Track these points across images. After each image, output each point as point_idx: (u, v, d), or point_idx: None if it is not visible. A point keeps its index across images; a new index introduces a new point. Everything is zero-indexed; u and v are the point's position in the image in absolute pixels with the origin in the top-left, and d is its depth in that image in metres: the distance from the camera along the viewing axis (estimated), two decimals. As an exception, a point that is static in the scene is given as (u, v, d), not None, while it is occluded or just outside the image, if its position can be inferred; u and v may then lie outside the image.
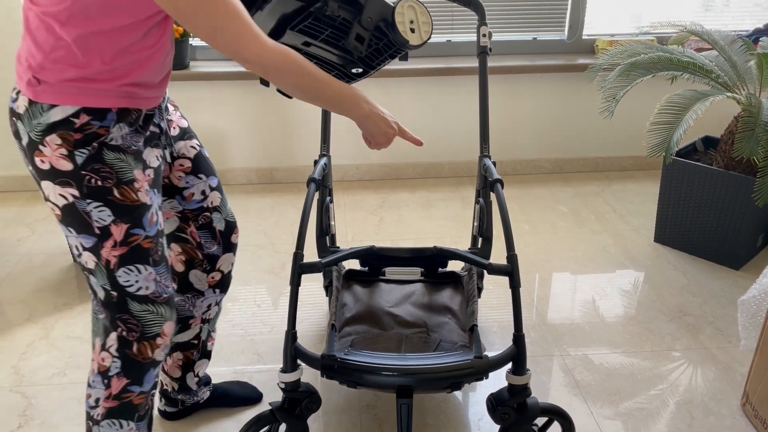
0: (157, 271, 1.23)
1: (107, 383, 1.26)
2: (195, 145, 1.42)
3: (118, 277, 1.19)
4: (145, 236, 1.20)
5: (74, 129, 1.11)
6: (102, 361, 1.26)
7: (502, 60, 2.94)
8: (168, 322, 1.27)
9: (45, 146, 1.12)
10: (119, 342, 1.24)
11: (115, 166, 1.15)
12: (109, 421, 1.28)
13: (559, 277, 2.33)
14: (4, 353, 1.94)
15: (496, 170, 1.60)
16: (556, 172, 3.20)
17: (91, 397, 1.28)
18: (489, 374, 1.40)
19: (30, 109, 1.12)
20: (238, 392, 1.75)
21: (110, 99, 1.13)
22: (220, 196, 1.47)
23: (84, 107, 1.11)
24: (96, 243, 1.17)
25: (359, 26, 1.27)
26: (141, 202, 1.18)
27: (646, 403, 1.75)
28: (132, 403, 1.28)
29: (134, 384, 1.27)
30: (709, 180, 2.31)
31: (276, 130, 3.01)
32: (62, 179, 1.13)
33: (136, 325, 1.23)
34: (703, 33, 2.37)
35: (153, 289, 1.23)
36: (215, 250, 1.49)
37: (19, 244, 2.55)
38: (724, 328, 2.05)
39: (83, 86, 1.11)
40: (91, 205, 1.14)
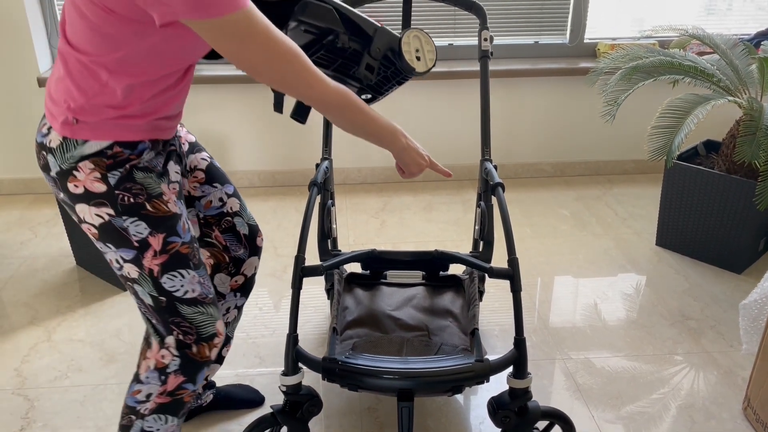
0: (198, 273, 1.27)
1: (164, 380, 1.29)
2: (205, 157, 1.47)
3: (163, 283, 1.23)
4: (182, 242, 1.25)
5: (107, 157, 1.17)
6: (161, 359, 1.29)
7: (504, 64, 2.94)
8: (218, 320, 1.31)
9: (78, 171, 1.17)
10: (177, 344, 1.28)
11: (144, 183, 1.20)
12: (155, 416, 1.31)
13: (561, 281, 2.33)
14: (7, 356, 1.95)
15: (497, 174, 1.61)
16: (558, 176, 3.21)
17: (140, 392, 1.31)
18: (490, 378, 1.40)
19: (64, 144, 1.16)
20: (240, 395, 1.76)
21: (141, 133, 1.19)
22: (239, 201, 1.51)
23: (117, 141, 1.17)
24: (136, 255, 1.21)
25: (369, 56, 1.34)
26: (172, 212, 1.23)
27: (647, 407, 1.75)
28: (183, 400, 1.33)
29: (189, 382, 1.31)
30: (711, 184, 2.31)
31: (278, 134, 3.02)
32: (97, 200, 1.18)
33: (190, 327, 1.27)
34: (704, 37, 2.37)
35: (199, 291, 1.27)
36: (242, 253, 1.52)
37: (22, 246, 2.56)
38: (726, 332, 2.04)
39: (119, 122, 1.16)
40: (127, 221, 1.19)
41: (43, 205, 2.90)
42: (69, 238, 2.38)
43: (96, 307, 2.18)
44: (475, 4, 1.73)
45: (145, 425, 1.32)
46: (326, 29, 1.28)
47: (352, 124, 1.25)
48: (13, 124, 2.89)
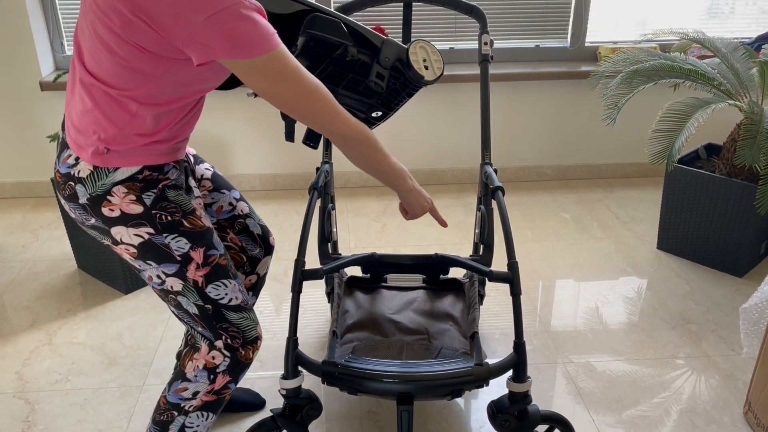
0: (237, 282, 1.33)
1: (213, 378, 1.34)
2: (208, 167, 1.52)
3: (209, 293, 1.29)
4: (219, 254, 1.30)
5: (138, 181, 1.22)
6: (212, 359, 1.34)
7: (505, 67, 2.95)
8: (258, 325, 1.37)
9: (112, 196, 1.20)
10: (226, 347, 1.33)
11: (177, 201, 1.25)
12: (199, 413, 1.37)
13: (562, 284, 2.33)
14: (8, 359, 1.95)
15: (497, 177, 1.61)
16: (559, 179, 3.20)
17: (187, 390, 1.35)
18: (490, 381, 1.40)
19: (95, 172, 1.19)
20: (241, 398, 1.76)
21: (166, 156, 1.24)
22: (247, 206, 1.56)
23: (146, 165, 1.21)
24: (180, 268, 1.26)
25: (378, 65, 1.38)
26: (207, 227, 1.29)
27: (648, 411, 1.74)
28: (225, 399, 1.39)
29: (233, 382, 1.37)
30: (712, 187, 2.31)
31: (279, 137, 3.02)
32: (135, 221, 1.22)
33: (237, 332, 1.32)
34: (705, 40, 2.37)
35: (241, 299, 1.33)
36: (257, 252, 1.57)
37: (24, 250, 2.57)
38: (727, 336, 2.04)
39: (147, 149, 1.21)
40: (168, 238, 1.24)
41: (45, 209, 2.91)
42: (70, 242, 2.39)
43: (97, 311, 2.18)
44: (476, 8, 1.74)
45: (186, 421, 1.37)
46: (335, 42, 1.31)
47: (366, 160, 1.30)
48: (15, 128, 2.90)
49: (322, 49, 1.33)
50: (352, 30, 1.34)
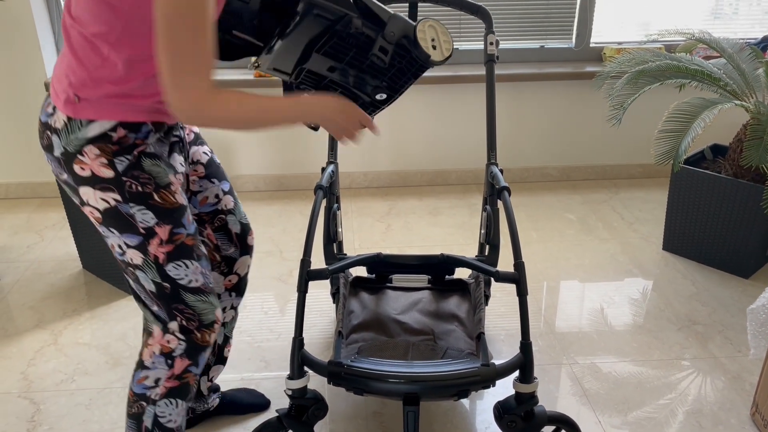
0: (201, 264, 1.29)
1: (171, 363, 1.31)
2: (207, 151, 1.46)
3: (168, 271, 1.24)
4: (187, 234, 1.25)
5: (112, 142, 1.16)
6: (167, 344, 1.31)
7: (510, 68, 2.94)
8: (217, 308, 1.33)
9: (84, 156, 1.16)
10: (181, 330, 1.29)
11: (152, 172, 1.20)
12: (167, 400, 1.34)
13: (567, 285, 2.32)
14: (13, 359, 1.95)
15: (503, 178, 1.60)
16: (564, 180, 3.20)
17: (148, 378, 1.33)
18: (496, 382, 1.39)
19: (68, 125, 1.16)
20: (246, 400, 1.76)
21: (144, 114, 1.18)
22: (233, 199, 1.50)
23: (121, 122, 1.16)
24: (142, 241, 1.22)
25: (383, 39, 1.31)
26: (179, 204, 1.24)
27: (654, 413, 1.74)
28: (189, 383, 1.35)
29: (194, 365, 1.33)
30: (718, 188, 2.30)
31: (284, 138, 3.02)
32: (103, 185, 1.18)
33: (193, 314, 1.29)
34: (711, 41, 2.36)
35: (202, 281, 1.29)
36: (232, 252, 1.52)
37: (29, 250, 2.57)
38: (734, 337, 2.03)
39: (121, 101, 1.15)
40: (134, 208, 1.19)
41: (50, 209, 2.91)
42: (75, 242, 2.39)
43: (102, 311, 2.19)
44: (481, 8, 1.73)
45: (157, 410, 1.34)
46: (339, 14, 1.24)
47: (247, 111, 1.15)
48: (20, 129, 2.90)
49: (325, 19, 1.26)
50: (359, 1, 1.27)
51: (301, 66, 1.30)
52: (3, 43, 2.72)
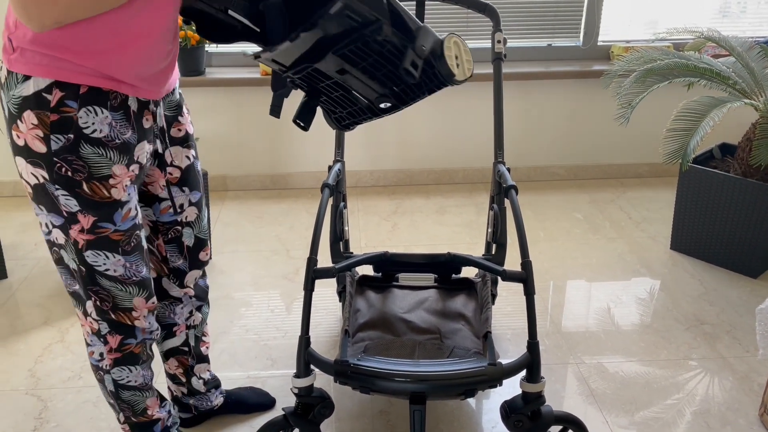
0: (126, 259, 1.24)
1: (104, 340, 1.32)
2: (190, 156, 1.38)
3: (87, 257, 1.21)
4: (114, 230, 1.20)
5: (50, 108, 1.07)
6: (91, 325, 1.31)
7: (517, 66, 2.93)
8: (137, 297, 1.29)
9: (21, 122, 1.10)
10: (96, 310, 1.28)
11: (90, 160, 1.12)
12: (118, 368, 1.36)
13: (574, 285, 2.32)
14: (21, 356, 1.96)
15: (510, 176, 1.60)
16: (571, 179, 3.19)
17: (94, 353, 1.35)
18: (503, 381, 1.39)
19: (8, 79, 1.09)
20: (251, 399, 1.76)
21: (84, 77, 1.08)
22: (197, 212, 1.44)
23: (56, 81, 1.06)
24: (64, 223, 1.18)
25: (413, 53, 1.24)
26: (113, 199, 1.17)
27: (662, 413, 1.73)
28: (133, 352, 1.35)
29: (129, 338, 1.33)
30: (727, 187, 2.28)
31: (290, 136, 3.02)
32: (34, 159, 1.12)
33: (107, 296, 1.27)
34: (720, 39, 2.35)
35: (121, 273, 1.25)
36: (181, 264, 1.46)
37: (37, 248, 2.58)
38: (742, 337, 2.02)
39: (53, 56, 1.05)
40: (58, 191, 1.14)
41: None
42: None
43: (109, 309, 2.19)
44: (488, 6, 1.73)
45: (113, 376, 1.37)
46: (371, 18, 1.18)
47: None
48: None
49: (354, 21, 1.19)
50: (391, 7, 1.21)
51: (306, 63, 1.26)
52: None
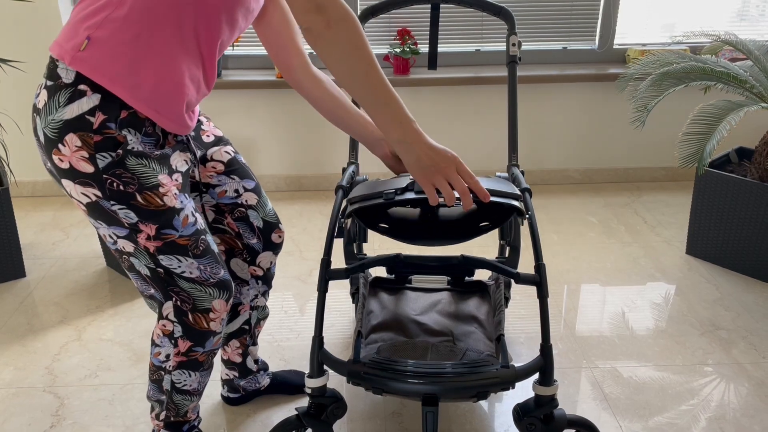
0: (199, 261, 1.27)
1: (174, 343, 1.37)
2: (229, 151, 1.45)
3: (161, 260, 1.25)
4: (179, 235, 1.23)
5: (92, 130, 1.12)
6: (164, 327, 1.35)
7: (532, 69, 2.93)
8: (216, 300, 1.32)
9: (64, 146, 1.13)
10: (175, 310, 1.32)
11: (137, 171, 1.16)
12: (180, 371, 1.41)
13: (588, 289, 2.31)
14: (39, 354, 1.99)
15: (524, 179, 1.60)
16: (586, 183, 3.17)
17: (160, 354, 1.41)
18: (516, 384, 1.39)
19: (47, 104, 1.13)
20: (295, 380, 1.80)
21: (139, 101, 1.13)
22: (257, 197, 1.49)
23: (101, 104, 1.11)
24: (129, 233, 1.21)
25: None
26: (167, 207, 1.20)
27: (676, 419, 1.72)
28: (198, 360, 1.40)
29: (198, 346, 1.37)
30: (743, 192, 2.27)
31: (305, 139, 3.04)
32: (83, 180, 1.15)
33: (188, 297, 1.30)
34: (737, 42, 2.33)
35: (197, 275, 1.29)
36: (255, 243, 1.52)
37: (54, 247, 2.61)
38: (758, 343, 2.00)
39: (124, 78, 1.11)
40: (115, 206, 1.17)
41: (75, 208, 2.96)
42: (100, 240, 2.42)
43: (125, 308, 2.22)
44: (503, 9, 1.73)
45: (173, 378, 1.42)
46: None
47: (355, 55, 1.09)
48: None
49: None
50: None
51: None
52: (29, 44, 2.77)
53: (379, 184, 1.34)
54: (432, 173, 1.12)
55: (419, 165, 1.12)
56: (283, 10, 1.39)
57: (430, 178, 1.12)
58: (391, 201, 1.25)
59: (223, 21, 1.18)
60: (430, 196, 1.14)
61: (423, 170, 1.12)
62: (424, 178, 1.13)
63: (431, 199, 1.14)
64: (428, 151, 1.12)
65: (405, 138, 1.12)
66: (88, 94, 1.11)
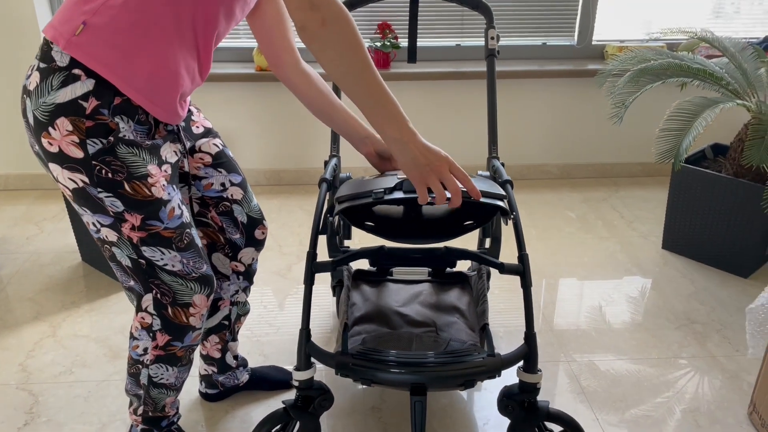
0: (182, 255, 1.26)
1: (152, 336, 1.35)
2: (218, 144, 1.45)
3: (144, 251, 1.23)
4: (164, 227, 1.22)
5: (85, 115, 1.10)
6: (143, 320, 1.34)
7: (511, 65, 2.94)
8: (197, 294, 1.31)
9: (54, 129, 1.11)
10: (155, 303, 1.30)
11: (127, 160, 1.14)
12: (157, 365, 1.40)
13: (566, 283, 2.33)
14: (12, 351, 1.95)
15: (505, 171, 1.61)
16: (564, 178, 3.20)
17: (138, 347, 1.40)
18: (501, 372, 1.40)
19: (39, 87, 1.11)
20: (274, 376, 1.79)
21: (134, 90, 1.13)
22: (243, 192, 1.48)
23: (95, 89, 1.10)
24: (114, 222, 1.19)
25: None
26: (155, 198, 1.19)
27: (652, 411, 1.74)
28: (176, 355, 1.39)
29: (176, 340, 1.36)
30: (718, 187, 2.30)
31: (284, 133, 3.02)
32: (71, 165, 1.13)
33: (169, 290, 1.29)
34: (713, 40, 2.36)
35: (180, 268, 1.27)
36: (237, 238, 1.51)
37: (28, 242, 2.57)
38: (732, 336, 2.03)
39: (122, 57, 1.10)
40: (101, 194, 1.16)
41: (49, 201, 2.91)
42: (75, 234, 2.39)
43: (101, 303, 2.18)
44: (482, 3, 1.73)
45: (150, 372, 1.41)
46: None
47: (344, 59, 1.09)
48: (18, 120, 2.90)
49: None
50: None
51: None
52: (2, 36, 2.71)
53: (366, 183, 1.34)
54: (427, 172, 1.13)
55: (415, 163, 1.13)
56: (277, 7, 1.38)
57: (425, 177, 1.13)
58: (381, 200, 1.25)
59: (221, 13, 1.17)
60: (421, 195, 1.15)
61: (418, 168, 1.13)
62: (419, 177, 1.13)
63: (421, 198, 1.15)
64: (423, 150, 1.13)
65: (401, 137, 1.13)
66: (82, 79, 1.10)
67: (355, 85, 1.11)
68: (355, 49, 1.09)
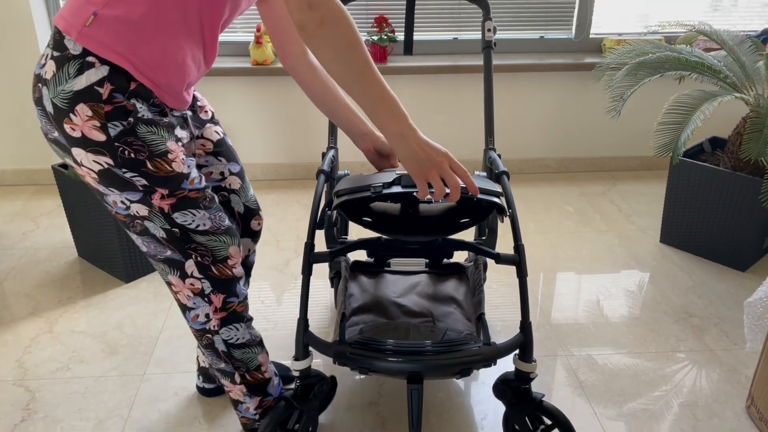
0: (209, 212, 1.29)
1: (208, 300, 1.35)
2: (219, 131, 1.47)
3: (176, 218, 1.25)
4: (189, 190, 1.25)
5: (102, 101, 1.12)
6: (192, 286, 1.33)
7: (509, 58, 2.93)
8: (231, 246, 1.33)
9: (75, 115, 1.13)
10: (198, 267, 1.31)
11: (147, 139, 1.17)
12: (225, 328, 1.39)
13: (564, 277, 2.32)
14: (9, 347, 1.95)
15: (501, 163, 1.61)
16: (562, 172, 3.19)
17: (198, 317, 1.37)
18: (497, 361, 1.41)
19: (57, 75, 1.13)
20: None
21: (145, 77, 1.15)
22: (240, 182, 1.50)
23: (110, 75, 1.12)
24: (143, 196, 1.21)
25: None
26: (176, 172, 1.22)
27: (649, 405, 1.74)
28: (236, 311, 1.39)
29: (231, 296, 1.36)
30: (716, 181, 2.29)
31: (280, 127, 3.01)
32: (95, 148, 1.16)
33: (206, 250, 1.29)
34: (711, 33, 2.35)
35: (210, 225, 1.29)
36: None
37: (24, 237, 2.56)
38: (730, 330, 2.03)
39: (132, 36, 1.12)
40: (127, 174, 1.18)
41: (46, 197, 2.90)
42: (71, 230, 2.38)
43: (97, 299, 2.18)
44: (478, -6, 1.73)
45: (223, 336, 1.39)
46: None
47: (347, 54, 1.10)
48: (14, 115, 2.88)
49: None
50: None
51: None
52: (-2, 29, 2.70)
53: (365, 178, 1.35)
54: (427, 167, 1.14)
55: (415, 158, 1.14)
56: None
57: (425, 172, 1.14)
58: (379, 194, 1.25)
59: (227, 4, 1.19)
60: (421, 190, 1.15)
61: (419, 164, 1.14)
62: (419, 172, 1.14)
63: (421, 193, 1.15)
64: (423, 145, 1.14)
65: (401, 132, 1.14)
66: (96, 66, 1.12)
67: (354, 83, 1.12)
68: (354, 48, 1.10)
